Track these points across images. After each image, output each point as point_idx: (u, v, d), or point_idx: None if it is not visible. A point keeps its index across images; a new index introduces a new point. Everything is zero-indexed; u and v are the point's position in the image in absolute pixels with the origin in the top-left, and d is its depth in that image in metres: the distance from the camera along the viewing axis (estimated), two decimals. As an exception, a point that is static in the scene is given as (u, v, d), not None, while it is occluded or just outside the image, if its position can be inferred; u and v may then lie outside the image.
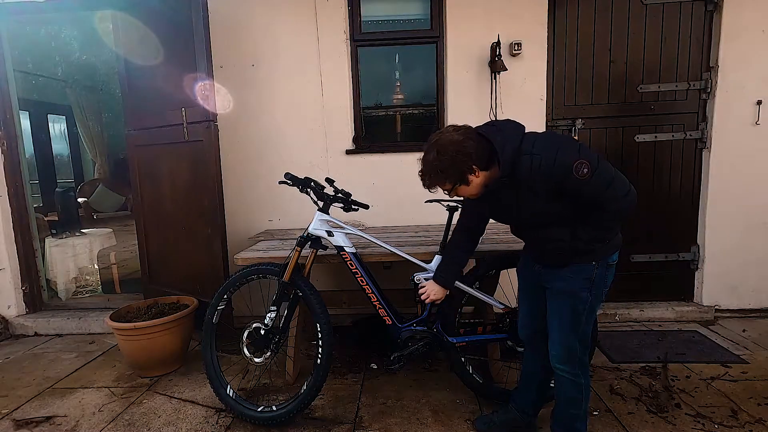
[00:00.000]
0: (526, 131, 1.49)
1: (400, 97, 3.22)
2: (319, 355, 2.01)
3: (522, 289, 1.82)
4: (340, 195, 2.10)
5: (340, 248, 2.08)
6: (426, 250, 2.24)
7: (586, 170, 1.36)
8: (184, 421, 2.11)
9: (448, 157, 1.44)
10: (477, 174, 1.47)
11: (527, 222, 1.61)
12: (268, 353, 2.07)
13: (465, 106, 3.01)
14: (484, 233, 1.88)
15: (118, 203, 7.76)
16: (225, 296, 2.18)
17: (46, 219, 4.07)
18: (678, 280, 3.21)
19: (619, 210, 1.43)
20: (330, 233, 2.07)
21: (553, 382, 1.86)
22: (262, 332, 2.06)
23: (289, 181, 2.08)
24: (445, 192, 1.55)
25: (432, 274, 2.06)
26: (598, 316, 2.15)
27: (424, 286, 1.91)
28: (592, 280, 1.55)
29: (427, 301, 1.91)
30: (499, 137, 1.44)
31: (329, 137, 3.08)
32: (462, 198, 1.64)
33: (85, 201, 7.27)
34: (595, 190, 1.39)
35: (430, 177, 1.51)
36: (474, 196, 1.56)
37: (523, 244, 1.78)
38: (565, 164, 1.36)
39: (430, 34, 3.05)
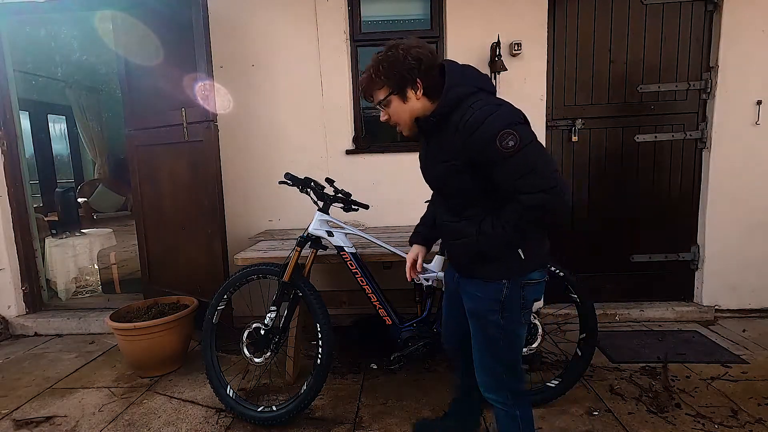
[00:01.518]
0: (491, 93, 1.31)
1: (400, 97, 3.22)
2: (319, 355, 2.01)
3: (445, 296, 1.66)
4: (340, 195, 2.10)
5: (340, 248, 2.08)
6: (426, 250, 2.24)
7: (512, 143, 1.15)
8: (184, 421, 2.11)
9: (396, 55, 1.26)
10: (418, 93, 1.29)
11: (433, 185, 1.45)
12: (268, 353, 2.08)
13: (465, 106, 3.00)
14: None
15: (118, 203, 7.76)
16: (225, 296, 2.19)
17: (46, 219, 4.07)
18: (678, 280, 3.20)
19: (535, 206, 1.16)
20: (330, 233, 2.07)
21: None
22: (262, 332, 2.06)
23: (289, 181, 2.08)
24: (379, 106, 1.37)
25: (433, 274, 2.06)
26: (598, 316, 2.14)
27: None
28: (501, 302, 1.32)
29: (409, 264, 1.70)
30: (456, 77, 1.27)
31: (329, 137, 3.08)
32: (401, 133, 1.44)
33: (85, 201, 7.27)
34: (514, 171, 1.17)
35: (369, 77, 1.32)
36: (406, 125, 1.36)
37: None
38: (492, 128, 1.17)
39: (430, 34, 3.04)
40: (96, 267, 3.88)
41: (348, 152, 3.09)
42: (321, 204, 2.11)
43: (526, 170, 1.16)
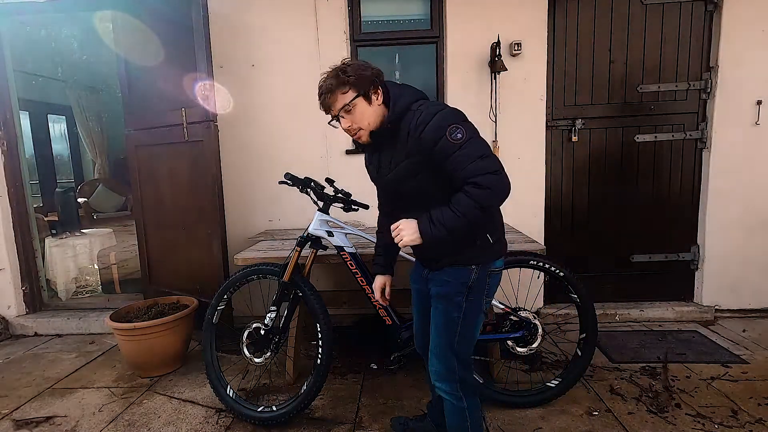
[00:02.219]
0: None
1: (400, 97, 3.22)
2: (319, 355, 2.01)
3: (413, 299, 1.71)
4: (340, 195, 2.10)
5: (340, 248, 2.08)
6: (426, 250, 2.24)
7: (460, 135, 1.28)
8: (184, 421, 2.11)
9: (358, 63, 1.41)
10: (379, 99, 1.40)
11: (391, 189, 1.51)
12: (268, 353, 2.08)
13: (465, 107, 2.95)
14: None
15: (118, 203, 7.75)
16: (225, 296, 2.19)
17: (46, 219, 4.07)
18: (678, 280, 3.20)
19: (486, 185, 1.26)
20: (330, 233, 2.07)
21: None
22: (262, 332, 2.06)
23: (289, 181, 2.08)
24: (340, 111, 1.39)
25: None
26: (598, 316, 2.14)
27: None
28: (469, 286, 1.43)
29: (378, 295, 1.74)
30: (398, 90, 1.42)
31: (329, 137, 3.07)
32: (358, 140, 1.48)
33: (85, 201, 7.27)
34: (465, 159, 1.28)
35: (329, 85, 1.36)
36: (369, 128, 1.41)
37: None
38: (441, 125, 1.30)
39: (430, 35, 3.04)
40: (96, 267, 3.88)
41: (348, 152, 3.09)
42: (321, 204, 2.10)
43: (476, 156, 1.28)
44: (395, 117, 1.38)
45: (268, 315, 2.06)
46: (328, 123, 1.49)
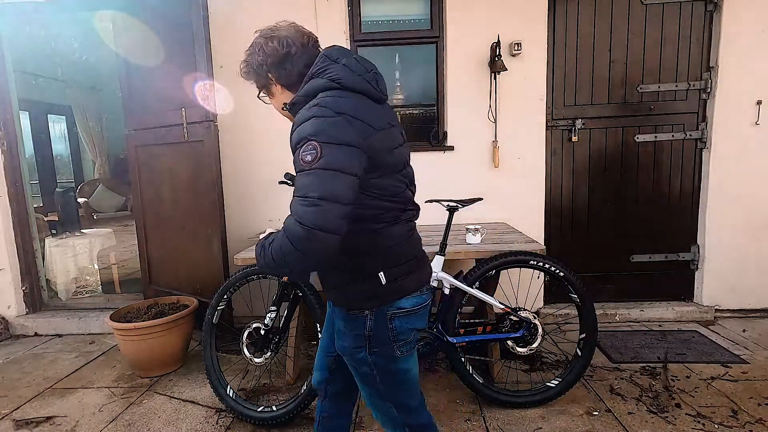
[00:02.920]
0: (360, 93, 1.08)
1: (400, 97, 3.22)
2: (319, 355, 2.00)
3: (326, 318, 1.40)
4: (339, 195, 2.08)
5: (340, 248, 2.06)
6: (426, 250, 2.23)
7: (309, 158, 0.96)
8: (184, 421, 2.11)
9: (253, 51, 1.20)
10: (276, 85, 1.20)
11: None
12: (268, 353, 2.08)
13: (465, 107, 3.01)
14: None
15: (118, 203, 7.76)
16: (225, 296, 2.19)
17: (46, 219, 4.07)
18: (678, 280, 3.20)
19: (293, 238, 0.94)
20: (330, 233, 2.06)
21: None
22: (262, 332, 2.06)
23: (289, 181, 2.08)
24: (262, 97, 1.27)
25: (433, 274, 2.06)
26: (598, 316, 2.14)
27: None
28: (367, 338, 1.14)
29: None
30: (320, 67, 1.10)
31: (329, 137, 3.07)
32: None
33: (85, 201, 7.27)
34: (300, 188, 0.96)
35: (241, 69, 1.26)
36: (285, 117, 1.25)
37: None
38: (302, 135, 0.99)
39: (430, 34, 3.04)
40: (96, 267, 3.88)
41: (348, 152, 3.08)
42: (321, 204, 2.09)
43: (303, 194, 0.95)
44: (295, 100, 1.12)
45: (268, 315, 2.06)
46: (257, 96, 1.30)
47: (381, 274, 1.12)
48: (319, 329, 2.01)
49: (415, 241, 1.23)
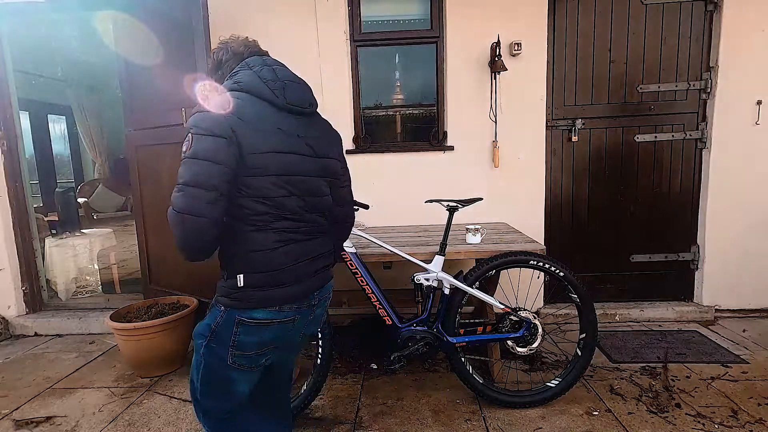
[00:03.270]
0: (266, 101, 1.15)
1: (400, 97, 3.22)
2: (319, 355, 2.01)
3: None
4: (339, 195, 2.08)
5: (340, 248, 2.07)
6: (426, 250, 2.24)
7: (184, 147, 1.06)
8: (184, 421, 2.11)
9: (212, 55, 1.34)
10: None
11: None
12: (268, 353, 2.07)
13: (465, 107, 3.01)
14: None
15: (118, 203, 7.76)
16: (225, 296, 2.18)
17: (46, 219, 4.07)
18: (678, 280, 3.20)
19: (172, 223, 1.08)
20: (330, 233, 2.06)
21: None
22: (262, 332, 2.06)
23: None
24: None
25: (433, 274, 2.06)
26: (598, 316, 2.14)
27: None
28: (212, 331, 1.16)
29: None
30: (235, 71, 1.23)
31: (329, 137, 3.07)
32: None
33: (85, 201, 7.27)
34: (178, 175, 1.07)
35: None
36: None
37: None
38: (188, 126, 1.09)
39: (430, 34, 3.04)
40: (96, 267, 3.88)
41: (348, 152, 3.08)
42: (320, 204, 2.09)
43: (178, 181, 1.07)
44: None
45: (268, 315, 2.05)
46: None
47: (240, 276, 1.13)
48: (319, 329, 2.01)
49: (291, 254, 1.17)
